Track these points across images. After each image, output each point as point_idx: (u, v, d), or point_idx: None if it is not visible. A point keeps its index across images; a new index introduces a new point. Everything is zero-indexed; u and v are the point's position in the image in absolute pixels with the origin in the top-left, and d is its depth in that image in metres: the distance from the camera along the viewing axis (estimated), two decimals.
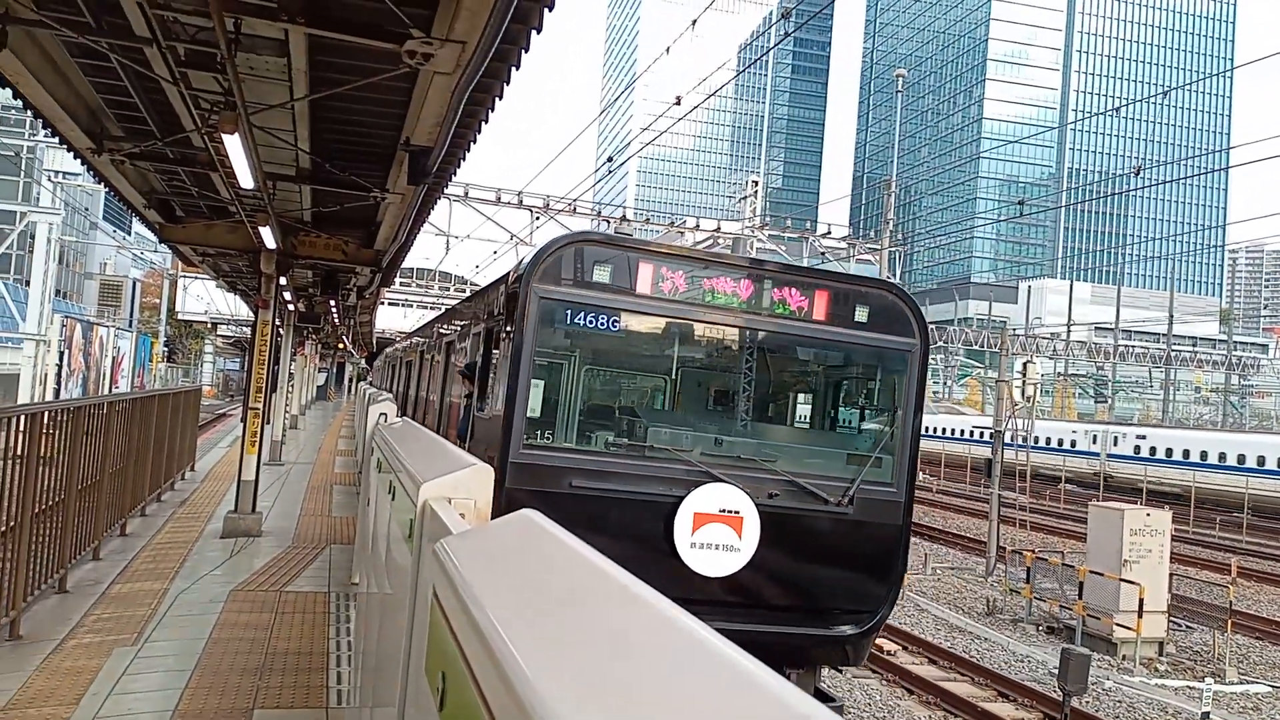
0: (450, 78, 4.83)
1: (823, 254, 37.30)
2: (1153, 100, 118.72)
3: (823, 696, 6.69)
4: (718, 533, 5.97)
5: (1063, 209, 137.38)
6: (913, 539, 14.77)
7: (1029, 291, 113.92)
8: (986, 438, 45.39)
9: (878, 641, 12.53)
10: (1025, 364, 26.18)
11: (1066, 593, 15.33)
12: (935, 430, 51.42)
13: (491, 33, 4.11)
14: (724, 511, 5.99)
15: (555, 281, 5.89)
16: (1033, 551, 17.11)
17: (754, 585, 6.10)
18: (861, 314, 6.54)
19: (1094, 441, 42.71)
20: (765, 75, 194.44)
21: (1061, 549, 20.63)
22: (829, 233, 41.05)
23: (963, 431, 51.49)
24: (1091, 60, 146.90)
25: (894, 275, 35.90)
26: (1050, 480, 40.94)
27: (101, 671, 5.32)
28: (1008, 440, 23.89)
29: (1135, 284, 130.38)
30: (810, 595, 6.45)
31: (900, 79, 40.96)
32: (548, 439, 6.21)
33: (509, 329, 6.06)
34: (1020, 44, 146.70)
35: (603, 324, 6.08)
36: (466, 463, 2.84)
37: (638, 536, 5.92)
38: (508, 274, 6.84)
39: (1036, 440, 42.00)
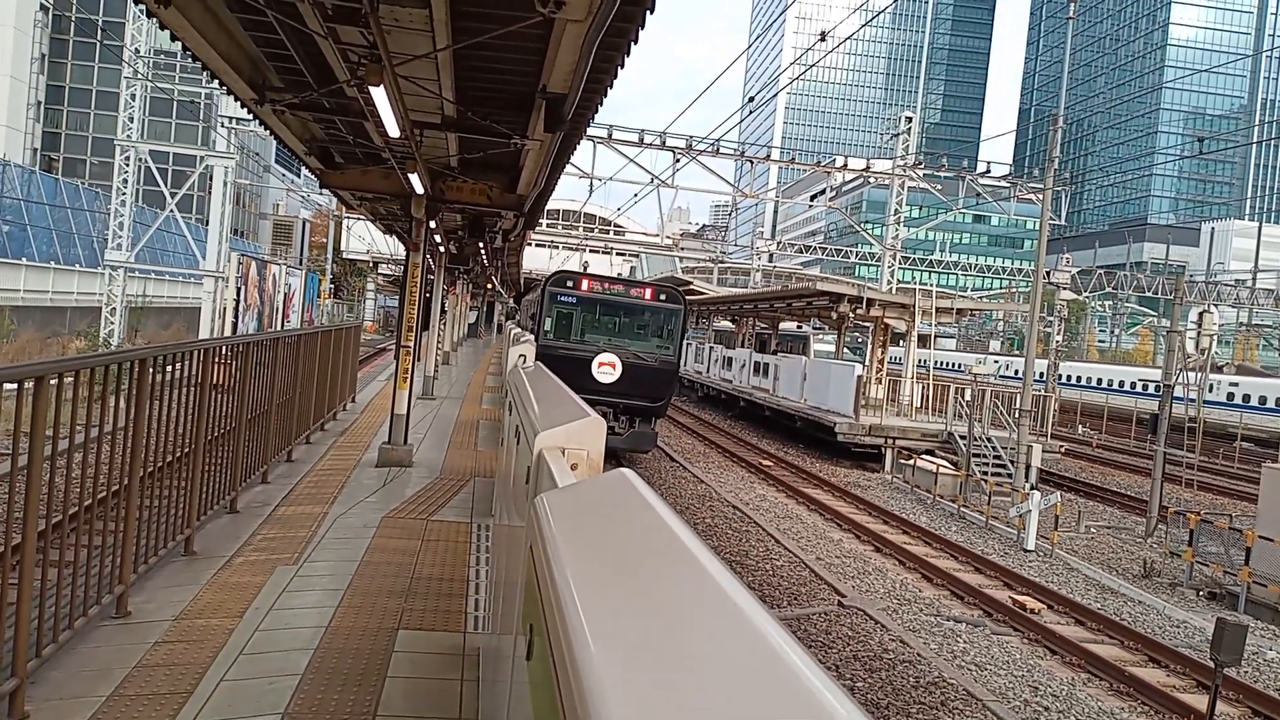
0: (581, 25, 4.84)
1: (979, 194, 35.54)
2: None
3: (652, 430, 19.67)
4: (608, 369, 18.43)
5: (1254, 145, 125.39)
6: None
7: (1212, 234, 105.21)
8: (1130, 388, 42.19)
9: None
10: (1201, 313, 24.25)
11: (1232, 557, 14.40)
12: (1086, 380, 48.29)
13: None
14: (610, 361, 18.46)
15: (555, 285, 19.28)
16: (1198, 513, 16.09)
17: (621, 386, 18.41)
18: (663, 297, 19.61)
19: None
20: (926, 1, 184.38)
21: (1230, 511, 19.34)
22: (988, 170, 39.12)
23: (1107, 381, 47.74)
24: None
25: (1059, 216, 33.87)
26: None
27: (264, 587, 5.75)
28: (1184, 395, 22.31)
29: None
30: (641, 390, 18.67)
31: (1073, 3, 38.03)
32: (552, 338, 18.71)
33: (542, 301, 19.25)
34: None
35: (570, 300, 19.13)
36: (583, 413, 2.89)
37: (580, 369, 17.70)
38: (543, 281, 20.15)
39: None
